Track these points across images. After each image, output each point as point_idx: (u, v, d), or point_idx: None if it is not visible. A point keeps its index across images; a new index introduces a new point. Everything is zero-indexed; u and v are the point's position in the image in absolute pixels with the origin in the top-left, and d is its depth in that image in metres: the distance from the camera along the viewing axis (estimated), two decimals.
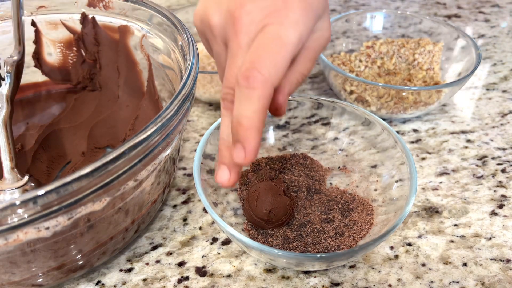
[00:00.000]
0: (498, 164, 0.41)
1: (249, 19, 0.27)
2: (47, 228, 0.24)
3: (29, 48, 0.42)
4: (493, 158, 0.42)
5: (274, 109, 0.29)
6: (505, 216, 0.36)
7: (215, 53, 0.30)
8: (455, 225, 0.36)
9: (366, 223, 0.33)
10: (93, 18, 0.41)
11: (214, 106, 0.50)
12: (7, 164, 0.33)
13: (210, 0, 0.30)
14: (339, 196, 0.35)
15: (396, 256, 0.33)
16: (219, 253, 0.34)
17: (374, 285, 0.31)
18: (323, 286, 0.31)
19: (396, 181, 0.34)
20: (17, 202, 0.21)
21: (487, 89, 0.52)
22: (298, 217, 0.34)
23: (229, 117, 0.28)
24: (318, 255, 0.28)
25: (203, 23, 0.30)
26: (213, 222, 0.36)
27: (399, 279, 0.32)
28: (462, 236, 0.35)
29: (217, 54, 0.30)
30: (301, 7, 0.27)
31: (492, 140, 0.44)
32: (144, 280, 0.32)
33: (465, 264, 0.33)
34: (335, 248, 0.31)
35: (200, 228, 0.36)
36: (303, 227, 0.32)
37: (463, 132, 0.46)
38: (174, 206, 0.38)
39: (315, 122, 0.42)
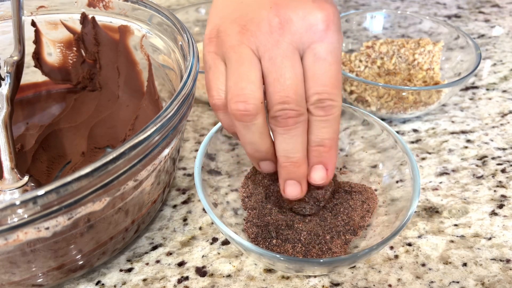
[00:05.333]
0: (498, 164, 0.41)
1: (293, 29, 0.26)
2: (47, 228, 0.24)
3: (29, 48, 0.42)
4: (493, 158, 0.42)
5: None
6: (505, 216, 0.36)
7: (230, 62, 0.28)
8: (455, 225, 0.36)
9: (360, 228, 0.33)
10: (93, 18, 0.41)
11: None
12: (7, 164, 0.33)
13: (226, 10, 0.28)
14: (339, 202, 0.35)
15: (396, 256, 0.33)
16: (219, 253, 0.34)
17: (374, 285, 0.31)
18: (323, 286, 0.31)
19: (397, 182, 0.34)
20: (17, 202, 0.21)
21: (487, 89, 0.52)
22: (298, 222, 0.33)
23: (288, 135, 0.28)
24: (321, 260, 0.28)
25: (219, 36, 0.28)
26: (213, 222, 0.36)
27: (399, 279, 0.32)
28: (462, 236, 0.35)
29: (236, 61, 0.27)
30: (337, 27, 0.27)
31: (492, 140, 0.44)
32: (144, 280, 0.32)
33: (465, 264, 0.33)
34: (330, 254, 0.31)
35: (200, 228, 0.36)
36: (299, 233, 0.32)
37: (463, 132, 0.46)
38: (174, 206, 0.38)
39: None
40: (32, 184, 0.34)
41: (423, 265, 0.33)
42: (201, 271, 0.33)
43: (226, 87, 0.28)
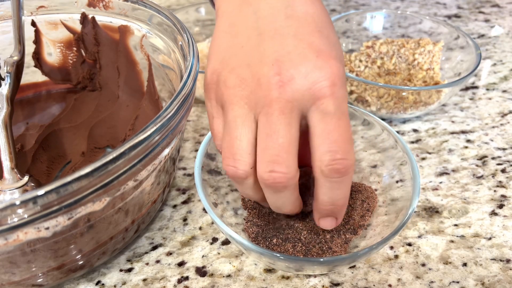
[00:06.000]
0: (498, 164, 0.41)
1: (295, 87, 0.25)
2: (47, 228, 0.24)
3: (29, 48, 0.42)
4: (493, 158, 0.42)
5: None
6: (505, 216, 0.36)
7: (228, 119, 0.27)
8: (455, 225, 0.36)
9: (360, 227, 0.33)
10: (93, 18, 0.41)
11: None
12: (7, 164, 0.33)
13: (226, 56, 0.27)
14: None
15: (396, 256, 0.33)
16: (219, 253, 0.34)
17: (374, 285, 0.31)
18: (323, 286, 0.31)
19: (397, 182, 0.34)
20: (17, 202, 0.21)
21: (487, 89, 0.52)
22: (298, 221, 0.33)
23: (278, 196, 0.27)
24: (322, 259, 0.28)
25: (218, 85, 0.27)
26: (213, 222, 0.36)
27: (399, 279, 0.32)
28: (462, 236, 0.35)
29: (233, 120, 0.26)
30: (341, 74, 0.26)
31: (492, 140, 0.44)
32: (144, 280, 0.32)
33: (465, 264, 0.33)
34: (330, 253, 0.31)
35: (200, 228, 0.36)
36: (299, 233, 0.32)
37: (463, 132, 0.46)
38: (174, 206, 0.38)
39: None
40: (32, 184, 0.34)
41: (423, 265, 0.33)
42: (201, 271, 0.33)
43: (222, 143, 0.27)
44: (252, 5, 0.27)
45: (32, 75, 0.44)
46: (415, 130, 0.46)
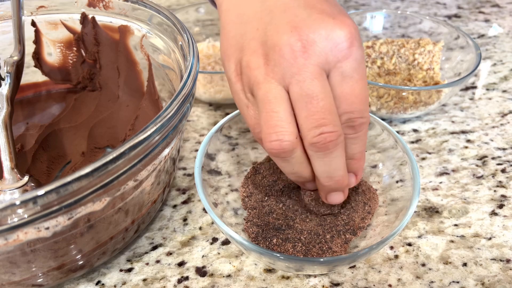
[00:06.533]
0: (498, 164, 0.41)
1: (318, 50, 0.25)
2: (47, 228, 0.24)
3: (29, 48, 0.42)
4: (493, 158, 0.42)
5: None
6: (505, 216, 0.36)
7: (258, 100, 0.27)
8: (455, 225, 0.36)
9: (359, 229, 0.33)
10: (93, 18, 0.41)
11: (214, 106, 0.50)
12: (7, 164, 0.33)
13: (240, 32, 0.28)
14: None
15: (396, 256, 0.33)
16: (219, 253, 0.34)
17: (374, 285, 0.31)
18: (323, 286, 0.31)
19: (397, 182, 0.34)
20: (17, 202, 0.21)
21: (487, 89, 0.52)
22: (298, 221, 0.33)
23: (329, 158, 0.27)
24: (322, 259, 0.28)
25: (243, 71, 0.27)
26: (213, 222, 0.36)
27: (399, 279, 0.32)
28: (462, 236, 0.35)
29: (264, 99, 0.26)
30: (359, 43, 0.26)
31: (492, 140, 0.44)
32: (144, 280, 0.32)
33: (465, 264, 0.33)
34: (330, 254, 0.31)
35: (200, 228, 0.36)
36: (299, 233, 0.32)
37: (463, 132, 0.46)
38: (174, 206, 0.38)
39: None
40: (32, 184, 0.34)
41: (423, 265, 0.33)
42: (201, 271, 0.33)
43: (260, 125, 0.27)
44: None
45: (32, 75, 0.44)
46: (415, 130, 0.46)
